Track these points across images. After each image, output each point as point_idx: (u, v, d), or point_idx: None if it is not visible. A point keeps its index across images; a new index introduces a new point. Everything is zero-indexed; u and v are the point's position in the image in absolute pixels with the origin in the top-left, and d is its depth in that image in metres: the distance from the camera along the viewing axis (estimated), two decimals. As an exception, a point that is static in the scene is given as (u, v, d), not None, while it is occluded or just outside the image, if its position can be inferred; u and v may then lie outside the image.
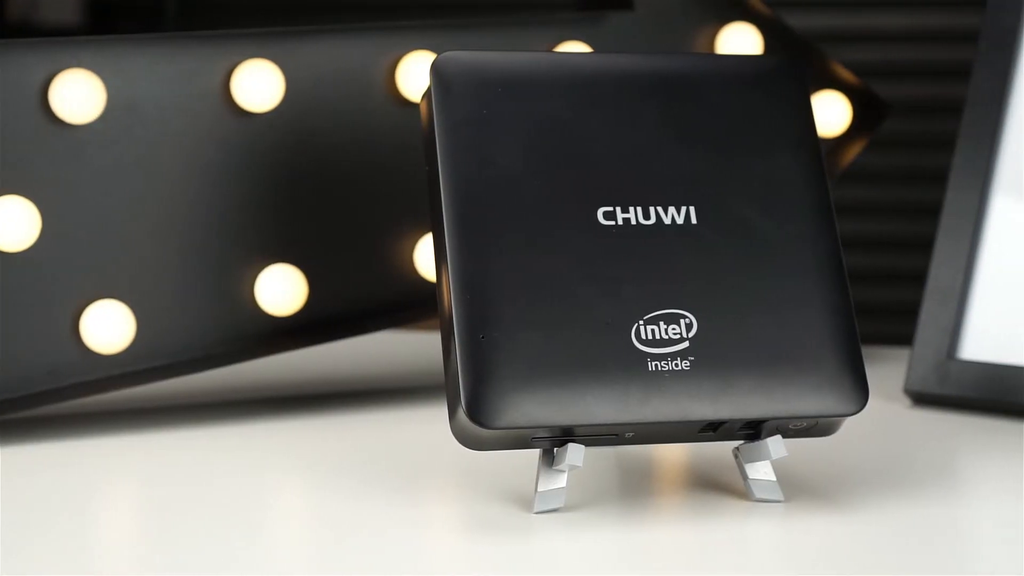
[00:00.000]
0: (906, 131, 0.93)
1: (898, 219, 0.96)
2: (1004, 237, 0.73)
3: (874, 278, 0.96)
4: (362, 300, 0.71)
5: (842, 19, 0.96)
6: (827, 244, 0.55)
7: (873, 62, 0.95)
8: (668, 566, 0.50)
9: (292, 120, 0.69)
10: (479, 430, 0.51)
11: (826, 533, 0.52)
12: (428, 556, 0.51)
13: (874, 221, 0.96)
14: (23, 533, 0.52)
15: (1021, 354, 0.71)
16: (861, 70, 0.83)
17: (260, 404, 0.73)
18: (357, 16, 0.97)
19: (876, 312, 0.94)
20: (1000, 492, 0.59)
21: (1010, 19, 0.75)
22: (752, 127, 0.56)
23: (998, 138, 0.74)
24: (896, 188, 0.96)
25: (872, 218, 0.96)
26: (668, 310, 0.53)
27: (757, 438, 0.54)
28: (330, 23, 0.72)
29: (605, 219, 0.54)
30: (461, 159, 0.54)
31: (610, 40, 0.75)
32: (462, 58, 0.55)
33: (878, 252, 0.96)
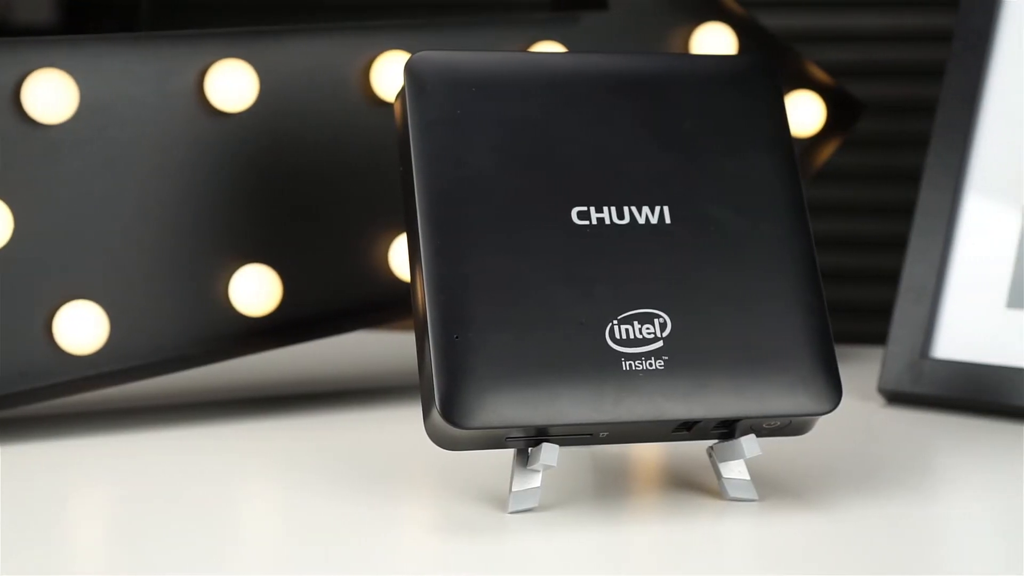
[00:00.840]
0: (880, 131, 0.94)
1: (872, 218, 0.96)
2: (977, 236, 0.73)
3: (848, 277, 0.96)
4: (336, 300, 0.71)
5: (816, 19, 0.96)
6: (801, 243, 0.55)
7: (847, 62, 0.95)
8: (642, 565, 0.50)
9: (266, 120, 0.69)
10: (453, 430, 0.51)
11: (800, 532, 0.52)
12: (403, 556, 0.51)
13: (848, 220, 0.97)
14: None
15: (994, 353, 0.71)
16: (835, 70, 0.84)
17: (234, 405, 0.73)
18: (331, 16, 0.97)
19: (850, 311, 0.94)
20: (974, 490, 0.59)
21: (982, 20, 0.75)
22: (726, 127, 0.56)
23: (971, 138, 0.74)
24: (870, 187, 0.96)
25: (846, 217, 0.97)
26: (642, 310, 0.53)
27: (731, 437, 0.54)
28: (304, 23, 0.72)
29: (579, 219, 0.54)
30: (435, 159, 0.54)
31: (584, 40, 0.75)
32: (436, 58, 0.55)
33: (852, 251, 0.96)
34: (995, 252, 0.72)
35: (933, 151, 0.75)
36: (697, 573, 0.49)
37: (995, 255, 0.72)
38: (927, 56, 0.93)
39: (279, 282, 0.70)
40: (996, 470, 0.62)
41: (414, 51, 0.56)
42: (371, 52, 0.71)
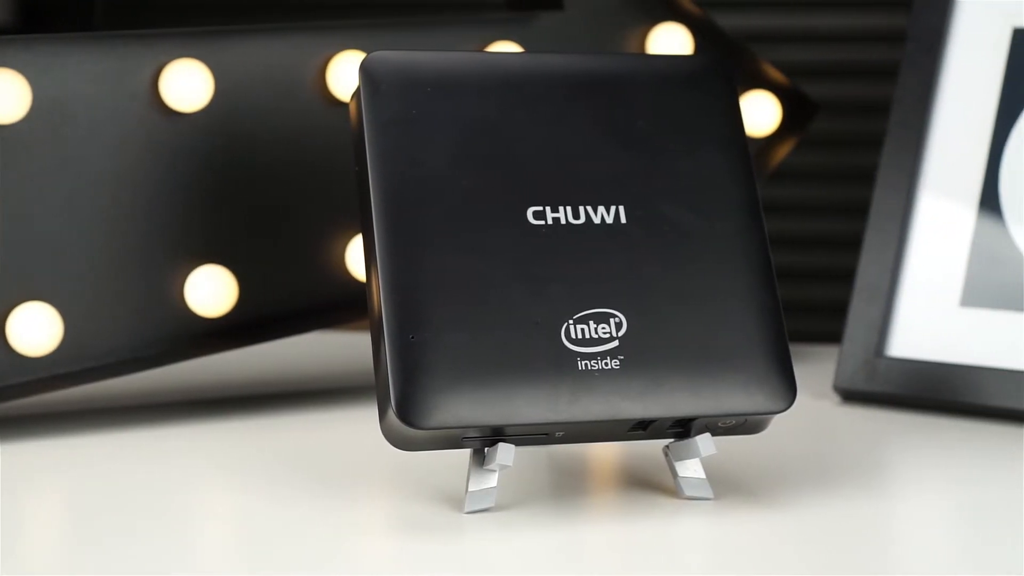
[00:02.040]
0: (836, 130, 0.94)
1: (828, 218, 0.96)
2: (931, 235, 0.74)
3: (804, 276, 0.97)
4: (293, 301, 0.71)
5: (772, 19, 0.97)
6: (755, 243, 0.55)
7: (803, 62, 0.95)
8: (599, 565, 0.50)
9: (221, 120, 0.69)
10: (409, 430, 0.51)
11: (755, 530, 0.52)
12: (359, 557, 0.51)
13: (804, 220, 0.97)
14: (-53, 538, 0.51)
15: (948, 351, 0.72)
16: (791, 70, 0.84)
17: (190, 406, 0.73)
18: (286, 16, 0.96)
19: (806, 310, 0.95)
20: (928, 488, 0.60)
21: (935, 20, 0.76)
22: (681, 126, 0.56)
23: (924, 137, 0.75)
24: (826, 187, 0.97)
25: (802, 217, 0.97)
26: (598, 309, 0.53)
27: (686, 436, 0.54)
28: (259, 23, 0.72)
29: (535, 219, 0.54)
30: (390, 159, 0.54)
31: (541, 40, 0.75)
32: (391, 58, 0.55)
33: (808, 250, 0.97)
34: (949, 251, 0.73)
35: (887, 151, 0.75)
36: (653, 572, 0.49)
37: (949, 254, 0.73)
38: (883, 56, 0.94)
39: (235, 283, 0.69)
40: (950, 468, 0.62)
41: (370, 51, 0.56)
42: (327, 52, 0.71)
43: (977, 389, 0.70)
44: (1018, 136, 0.73)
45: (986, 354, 0.70)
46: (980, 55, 0.74)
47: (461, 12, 1.00)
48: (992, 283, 0.72)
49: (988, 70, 0.74)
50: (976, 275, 0.72)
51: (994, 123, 0.73)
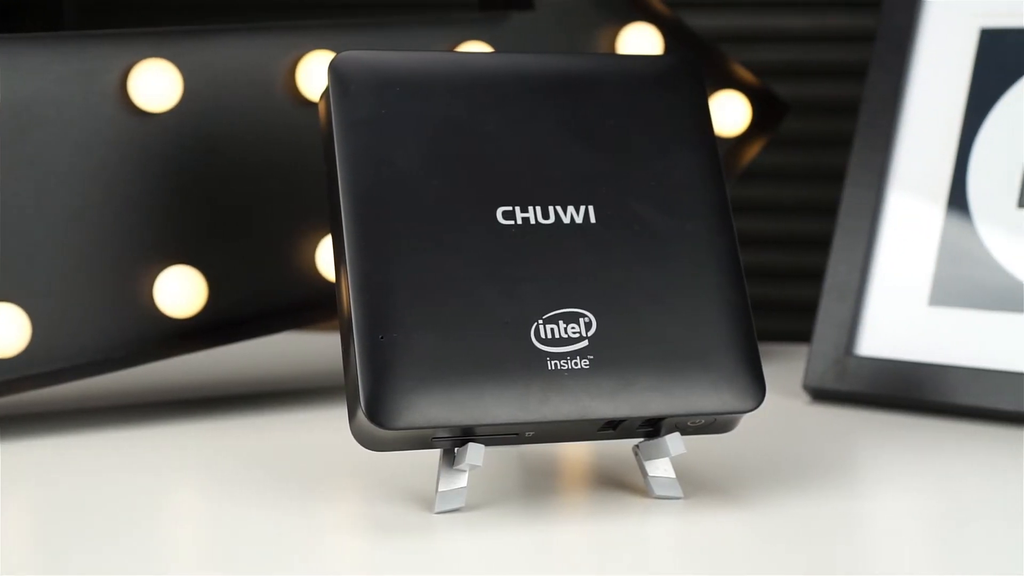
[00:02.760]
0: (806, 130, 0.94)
1: (797, 217, 0.97)
2: (900, 234, 0.74)
3: (774, 275, 0.97)
4: (262, 301, 0.70)
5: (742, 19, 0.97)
6: (724, 242, 0.55)
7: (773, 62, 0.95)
8: (569, 564, 0.50)
9: (190, 120, 0.69)
10: (379, 431, 0.51)
11: (725, 529, 0.53)
12: (328, 557, 0.51)
13: (774, 219, 0.97)
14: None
15: (917, 350, 0.72)
16: (761, 70, 0.84)
17: (159, 407, 0.73)
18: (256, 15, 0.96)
19: (776, 309, 0.95)
20: (898, 486, 0.60)
21: (904, 19, 0.76)
22: (650, 126, 0.56)
23: (893, 137, 0.75)
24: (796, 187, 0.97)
25: (773, 216, 0.97)
26: (567, 309, 0.53)
27: (656, 435, 0.54)
28: (228, 23, 0.72)
29: (504, 219, 0.54)
30: (359, 159, 0.53)
31: (511, 40, 0.75)
32: (361, 58, 0.55)
33: (778, 250, 0.97)
34: (917, 250, 0.73)
35: (856, 150, 0.76)
36: (623, 572, 0.49)
37: (917, 253, 0.73)
38: (852, 56, 0.94)
39: (204, 283, 0.69)
40: (919, 466, 0.62)
41: (340, 51, 0.56)
42: (296, 52, 0.71)
43: (946, 388, 0.70)
44: (986, 136, 0.73)
45: (954, 353, 0.71)
46: (948, 55, 0.75)
47: (432, 12, 1.00)
48: (960, 282, 0.72)
49: (956, 70, 0.74)
50: (944, 274, 0.72)
51: (962, 122, 0.74)
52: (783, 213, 0.97)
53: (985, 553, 0.51)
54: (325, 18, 0.72)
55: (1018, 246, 0.71)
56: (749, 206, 0.96)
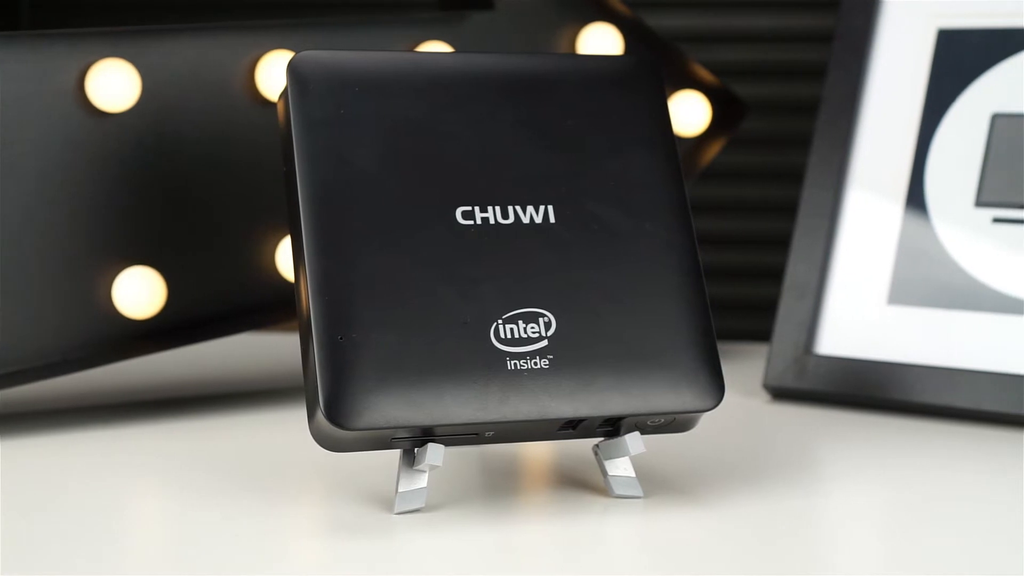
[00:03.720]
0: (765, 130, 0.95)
1: (757, 216, 0.97)
2: (859, 234, 0.74)
3: (735, 275, 0.97)
4: (222, 302, 0.70)
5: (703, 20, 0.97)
6: (684, 241, 0.55)
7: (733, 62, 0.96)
8: (529, 564, 0.50)
9: (149, 120, 0.68)
10: (338, 431, 0.51)
11: (685, 528, 0.53)
12: (288, 559, 0.50)
13: (734, 218, 0.97)
14: None
15: (876, 348, 0.72)
16: (721, 70, 0.85)
17: (118, 409, 0.72)
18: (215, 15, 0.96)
19: (737, 308, 0.95)
20: (857, 484, 0.60)
21: (862, 21, 0.76)
22: (609, 126, 0.56)
23: (852, 136, 0.75)
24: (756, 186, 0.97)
25: (732, 215, 0.97)
26: (527, 309, 0.53)
27: (616, 435, 0.54)
28: (187, 22, 0.71)
29: (464, 219, 0.54)
30: (318, 159, 0.53)
31: (471, 40, 0.75)
32: (319, 57, 0.55)
33: (738, 249, 0.97)
34: (876, 249, 0.74)
35: (815, 150, 0.76)
36: (584, 571, 0.49)
37: (876, 252, 0.74)
38: (811, 56, 0.94)
39: (163, 284, 0.69)
40: (879, 464, 0.63)
41: (299, 51, 0.56)
42: (256, 51, 0.71)
43: (904, 386, 0.71)
44: (943, 135, 0.74)
45: (913, 351, 0.71)
46: (906, 55, 0.75)
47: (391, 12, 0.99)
48: (918, 281, 0.72)
49: (913, 70, 0.75)
50: (903, 273, 0.73)
51: (920, 122, 0.74)
52: (743, 212, 0.98)
53: (942, 550, 0.51)
54: (284, 18, 0.72)
55: (975, 245, 0.72)
56: (709, 206, 0.96)
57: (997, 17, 0.74)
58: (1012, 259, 0.71)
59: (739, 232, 0.98)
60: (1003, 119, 0.73)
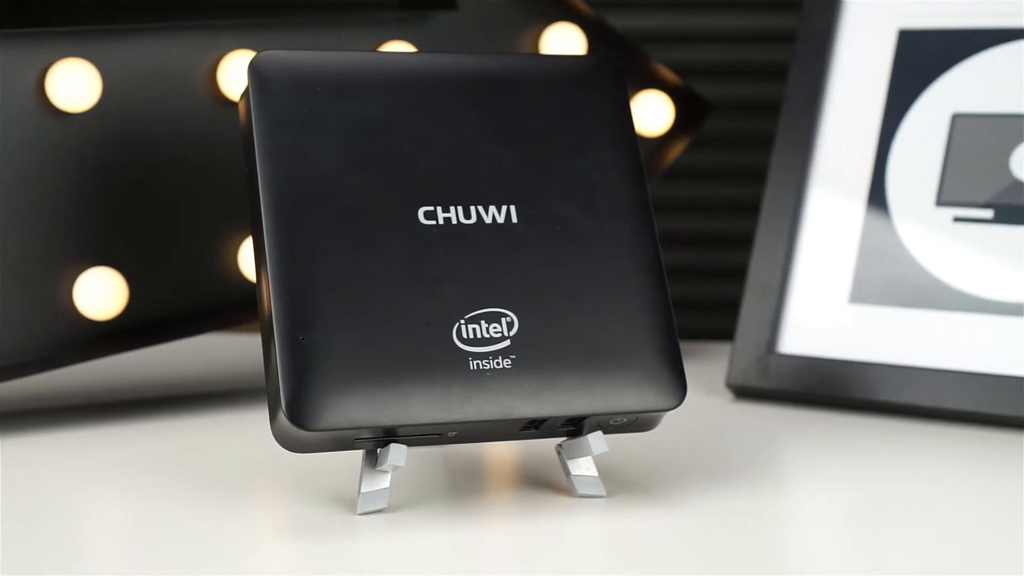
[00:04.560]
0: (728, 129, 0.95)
1: (720, 216, 0.97)
2: (821, 233, 0.75)
3: (698, 274, 0.97)
4: (184, 303, 0.70)
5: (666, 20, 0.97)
6: (646, 241, 0.56)
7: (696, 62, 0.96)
8: (492, 564, 0.50)
9: (110, 120, 0.68)
10: (300, 432, 0.51)
11: (648, 527, 0.53)
12: (250, 559, 0.50)
13: (697, 218, 0.98)
14: None
15: (838, 347, 0.73)
16: (684, 70, 0.85)
17: (80, 410, 0.72)
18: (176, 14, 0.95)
19: (700, 308, 0.96)
20: (820, 483, 0.60)
21: (823, 21, 0.77)
22: (572, 126, 0.56)
23: (814, 136, 0.76)
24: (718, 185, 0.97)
25: (695, 215, 0.98)
26: (489, 309, 0.53)
27: (579, 434, 0.54)
28: (148, 21, 0.71)
29: (426, 219, 0.54)
30: (280, 159, 0.53)
31: (434, 40, 0.75)
32: (281, 57, 0.55)
33: (701, 248, 0.98)
34: (838, 249, 0.74)
35: (777, 150, 0.76)
36: (547, 571, 0.49)
37: (838, 251, 0.74)
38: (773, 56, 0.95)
39: (124, 285, 0.69)
40: (842, 462, 0.63)
41: (261, 51, 0.55)
42: (218, 51, 0.70)
43: (866, 384, 0.71)
44: (904, 135, 0.74)
45: (874, 350, 0.72)
46: (867, 55, 0.76)
47: (354, 12, 0.99)
48: (880, 280, 0.73)
49: (875, 70, 0.75)
50: (864, 272, 0.73)
51: (881, 122, 0.75)
52: (706, 212, 0.98)
53: (904, 548, 0.51)
54: (246, 17, 0.72)
55: (936, 244, 0.72)
56: (672, 205, 0.96)
57: (957, 18, 0.74)
58: (972, 258, 0.71)
59: (702, 231, 0.98)
60: (963, 119, 0.73)
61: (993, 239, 0.71)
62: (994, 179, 0.72)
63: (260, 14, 0.96)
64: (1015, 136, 0.72)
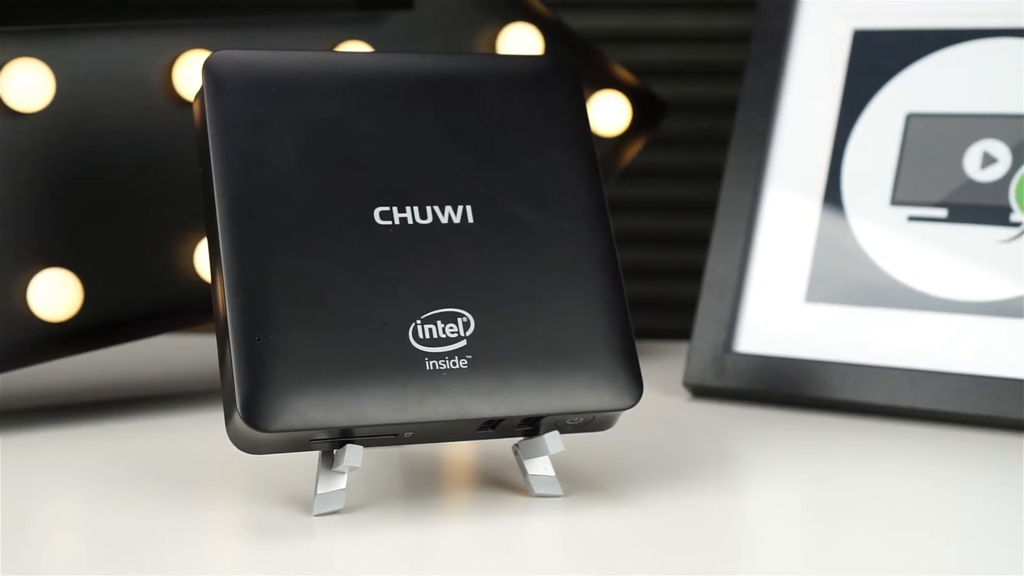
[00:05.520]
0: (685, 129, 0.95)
1: (677, 216, 0.98)
2: (777, 232, 0.75)
3: (655, 274, 0.98)
4: (140, 304, 0.70)
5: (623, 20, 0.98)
6: (602, 241, 0.56)
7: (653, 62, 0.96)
8: (449, 564, 0.50)
9: (64, 120, 0.67)
10: (255, 434, 0.51)
11: (605, 526, 0.53)
12: (206, 561, 0.50)
13: (654, 218, 0.98)
14: None
15: (794, 346, 0.73)
16: (641, 70, 0.85)
17: (35, 412, 0.71)
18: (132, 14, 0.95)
19: (657, 307, 0.96)
20: (776, 482, 0.61)
21: (779, 21, 0.77)
22: (527, 126, 0.56)
23: (770, 136, 0.76)
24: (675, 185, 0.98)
25: (652, 215, 0.98)
26: (445, 309, 0.53)
27: (535, 434, 0.54)
28: (103, 21, 0.70)
29: (382, 219, 0.54)
30: (234, 160, 0.53)
31: (391, 40, 0.75)
32: (235, 57, 0.54)
33: (659, 248, 0.98)
34: (794, 248, 0.74)
35: (734, 149, 0.77)
36: (504, 571, 0.49)
37: (794, 251, 0.74)
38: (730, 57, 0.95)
39: (79, 286, 0.68)
40: (798, 461, 0.63)
41: (218, 51, 0.55)
42: (173, 51, 0.70)
43: (822, 383, 0.71)
44: (859, 135, 0.74)
45: (830, 349, 0.72)
46: (822, 56, 0.76)
47: (310, 11, 0.99)
48: (835, 279, 0.73)
49: (830, 70, 0.76)
50: (820, 271, 0.73)
51: (836, 122, 0.75)
52: (663, 212, 0.98)
53: (862, 545, 0.51)
54: (202, 17, 0.72)
55: (891, 243, 0.72)
56: (629, 205, 0.96)
57: (912, 18, 0.75)
58: (927, 257, 0.72)
59: (659, 231, 0.98)
60: (917, 119, 0.73)
61: (947, 238, 0.71)
62: (948, 178, 0.72)
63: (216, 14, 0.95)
64: (969, 136, 0.72)
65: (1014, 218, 0.71)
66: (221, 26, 0.71)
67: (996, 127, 0.72)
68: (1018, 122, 0.71)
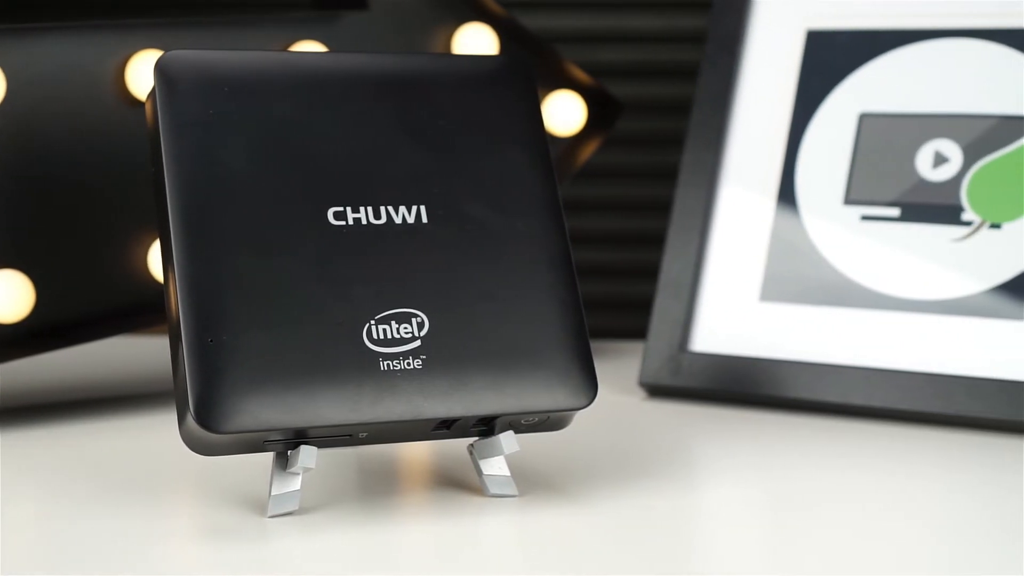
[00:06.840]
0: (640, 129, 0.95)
1: (632, 215, 0.98)
2: (731, 232, 0.75)
3: (612, 273, 0.98)
4: (92, 305, 0.69)
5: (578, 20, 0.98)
6: (556, 240, 0.56)
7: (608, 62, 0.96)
8: (404, 565, 0.50)
9: (15, 120, 0.67)
10: (209, 435, 0.50)
11: (560, 526, 0.53)
12: (160, 563, 0.50)
13: (609, 217, 0.98)
14: None
15: (749, 345, 0.73)
16: (596, 70, 0.85)
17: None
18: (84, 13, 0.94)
19: (613, 307, 0.96)
20: (732, 480, 0.61)
21: (734, 22, 0.77)
22: (482, 126, 0.56)
23: (724, 136, 0.76)
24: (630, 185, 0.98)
25: (607, 214, 0.98)
26: (399, 309, 0.53)
27: (490, 434, 0.54)
28: (54, 20, 0.70)
29: (335, 219, 0.54)
30: (187, 160, 0.53)
31: (345, 40, 0.74)
32: (188, 57, 0.54)
33: (614, 248, 0.98)
34: (748, 247, 0.75)
35: (688, 149, 0.77)
36: (458, 571, 0.49)
37: (748, 250, 0.75)
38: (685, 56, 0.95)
39: (31, 288, 0.68)
40: (753, 459, 0.64)
41: (169, 50, 0.55)
42: (126, 51, 0.70)
43: (776, 381, 0.71)
44: (813, 134, 0.75)
45: (785, 347, 0.72)
46: (776, 56, 0.76)
47: (264, 11, 0.99)
48: (790, 278, 0.73)
49: (784, 70, 0.76)
50: (775, 270, 0.74)
51: (790, 121, 0.75)
52: (619, 211, 0.98)
53: (818, 544, 0.52)
54: (154, 16, 0.71)
55: (844, 242, 0.73)
56: (585, 204, 0.97)
57: (865, 19, 0.75)
58: (879, 256, 0.72)
59: (615, 231, 0.98)
60: (870, 118, 0.74)
61: (899, 237, 0.72)
62: (900, 178, 0.73)
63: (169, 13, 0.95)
64: (921, 135, 0.73)
65: (966, 217, 0.71)
66: (174, 26, 0.71)
67: (948, 127, 0.72)
68: (970, 122, 0.72)
